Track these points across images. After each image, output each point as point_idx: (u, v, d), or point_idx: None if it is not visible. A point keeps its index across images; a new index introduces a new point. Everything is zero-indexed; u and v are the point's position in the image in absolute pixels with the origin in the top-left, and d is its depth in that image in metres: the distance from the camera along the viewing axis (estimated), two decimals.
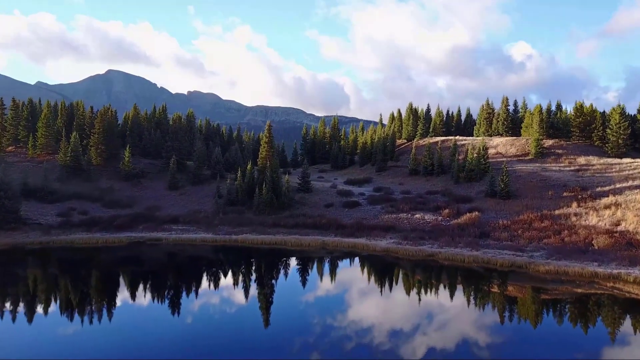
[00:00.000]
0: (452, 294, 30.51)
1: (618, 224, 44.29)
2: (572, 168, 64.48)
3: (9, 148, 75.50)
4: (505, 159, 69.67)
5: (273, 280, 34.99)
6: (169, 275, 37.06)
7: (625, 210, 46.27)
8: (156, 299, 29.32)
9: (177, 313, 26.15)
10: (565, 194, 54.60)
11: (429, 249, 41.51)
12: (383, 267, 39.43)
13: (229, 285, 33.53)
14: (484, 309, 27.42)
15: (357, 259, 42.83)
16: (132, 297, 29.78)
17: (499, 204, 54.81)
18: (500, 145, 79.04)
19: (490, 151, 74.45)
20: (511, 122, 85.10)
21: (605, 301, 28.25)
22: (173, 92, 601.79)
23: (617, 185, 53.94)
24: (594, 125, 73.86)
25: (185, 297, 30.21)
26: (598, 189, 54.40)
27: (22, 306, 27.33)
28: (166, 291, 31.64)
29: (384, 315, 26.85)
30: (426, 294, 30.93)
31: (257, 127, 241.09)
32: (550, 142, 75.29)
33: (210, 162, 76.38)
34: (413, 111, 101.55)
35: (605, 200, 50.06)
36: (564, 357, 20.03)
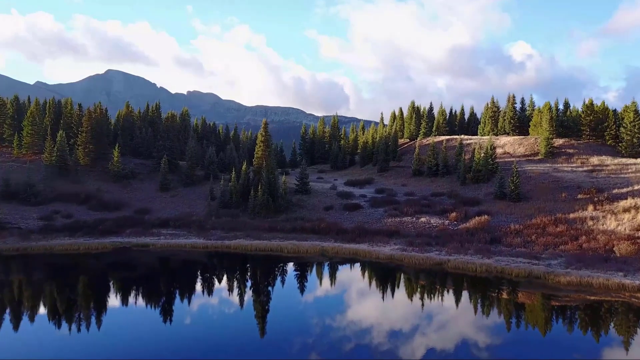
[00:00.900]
0: (487, 313, 27.20)
1: (639, 229, 41.11)
2: (585, 168, 61.15)
3: None
4: (513, 159, 66.28)
5: (268, 291, 31.63)
6: (157, 284, 33.93)
7: None
8: (139, 312, 25.99)
9: (165, 323, 22.85)
10: (579, 196, 51.31)
11: (437, 256, 38.21)
12: (385, 274, 36.08)
13: (218, 297, 30.17)
14: (525, 327, 24.08)
15: (357, 264, 39.52)
16: (105, 308, 26.57)
17: (510, 206, 51.54)
18: (508, 144, 75.68)
19: (498, 151, 71.13)
20: (518, 121, 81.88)
21: None
22: (172, 92, 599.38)
23: (636, 187, 50.67)
24: (606, 124, 70.60)
25: (169, 308, 26.86)
26: (615, 190, 51.12)
27: None
28: (151, 303, 28.32)
29: (386, 320, 23.51)
30: (456, 308, 27.62)
31: (257, 127, 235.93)
32: (560, 141, 71.94)
33: (204, 162, 73.07)
34: (415, 109, 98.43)
35: (623, 203, 46.83)
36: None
